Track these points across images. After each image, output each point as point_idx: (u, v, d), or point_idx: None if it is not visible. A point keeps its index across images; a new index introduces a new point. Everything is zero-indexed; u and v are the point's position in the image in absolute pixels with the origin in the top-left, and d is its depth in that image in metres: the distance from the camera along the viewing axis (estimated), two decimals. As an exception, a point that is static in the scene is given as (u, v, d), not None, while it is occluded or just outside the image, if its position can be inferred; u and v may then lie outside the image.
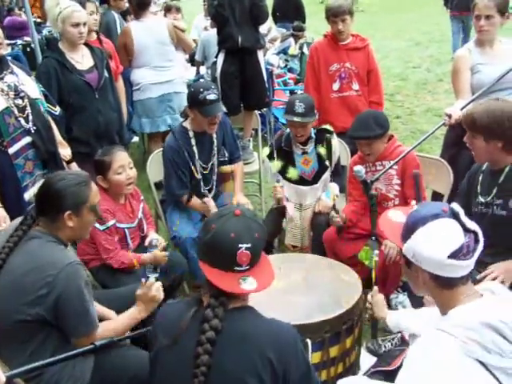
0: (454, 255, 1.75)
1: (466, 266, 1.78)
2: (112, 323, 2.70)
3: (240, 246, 1.89)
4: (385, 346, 3.33)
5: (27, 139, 3.31)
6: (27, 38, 10.93)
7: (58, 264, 2.39)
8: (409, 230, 1.86)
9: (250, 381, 1.85)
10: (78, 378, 2.51)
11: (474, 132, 2.98)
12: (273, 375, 1.87)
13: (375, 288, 2.85)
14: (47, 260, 2.42)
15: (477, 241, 1.81)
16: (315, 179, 4.21)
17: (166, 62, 5.68)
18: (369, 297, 2.84)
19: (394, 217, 2.06)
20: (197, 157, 4.05)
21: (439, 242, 1.77)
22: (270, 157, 4.24)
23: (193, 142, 4.03)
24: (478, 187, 3.14)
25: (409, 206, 3.55)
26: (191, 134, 4.03)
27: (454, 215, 1.81)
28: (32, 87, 3.47)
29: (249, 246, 1.90)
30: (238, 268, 1.91)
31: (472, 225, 1.81)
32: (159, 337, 1.96)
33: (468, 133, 3.04)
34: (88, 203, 2.58)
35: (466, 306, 1.79)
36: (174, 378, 1.93)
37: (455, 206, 1.84)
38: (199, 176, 4.10)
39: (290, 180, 4.20)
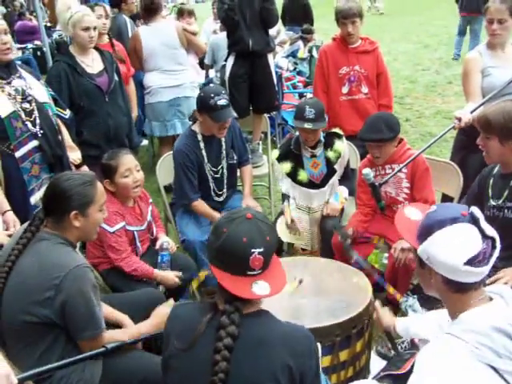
0: (470, 262, 1.73)
1: (481, 272, 1.76)
2: (120, 335, 2.67)
3: (253, 250, 1.87)
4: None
5: (34, 143, 3.32)
6: (38, 42, 11.02)
7: (65, 266, 2.40)
8: (425, 232, 1.83)
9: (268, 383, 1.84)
10: (87, 380, 2.51)
11: (488, 133, 2.97)
12: (290, 379, 1.86)
13: (377, 303, 2.85)
14: (54, 262, 2.42)
15: (494, 247, 1.78)
16: (323, 182, 4.21)
17: (177, 66, 5.71)
18: (375, 313, 2.83)
19: (411, 214, 2.02)
20: (206, 160, 4.05)
21: (456, 247, 1.74)
22: (279, 159, 4.24)
23: (201, 145, 4.04)
24: (489, 190, 3.13)
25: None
26: (200, 137, 4.03)
27: (474, 220, 1.78)
28: (40, 91, 3.48)
29: (261, 250, 1.88)
30: (250, 272, 1.89)
31: (491, 231, 1.78)
32: (172, 340, 1.95)
33: (482, 134, 3.03)
34: (94, 203, 2.58)
35: (475, 310, 1.77)
36: (189, 383, 1.92)
37: (476, 210, 1.81)
38: (210, 179, 4.10)
39: (300, 183, 4.20)
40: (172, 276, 3.46)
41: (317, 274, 3.34)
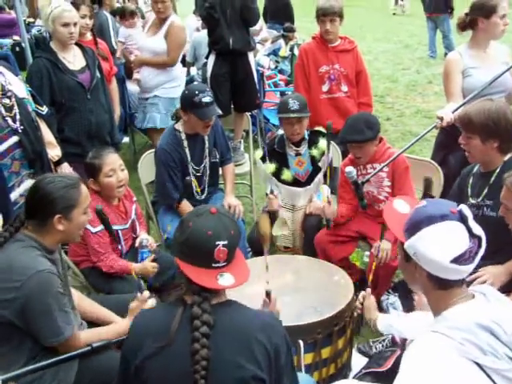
0: (456, 260, 1.74)
1: (467, 270, 1.78)
2: (96, 334, 2.63)
3: (217, 243, 1.93)
4: (376, 348, 3.35)
5: (14, 139, 3.27)
6: (16, 37, 10.89)
7: (28, 270, 2.36)
8: (413, 227, 1.83)
9: (249, 366, 1.88)
10: (61, 380, 2.50)
11: (470, 132, 3.01)
12: (267, 358, 1.91)
13: (368, 290, 2.84)
14: (19, 265, 2.38)
15: (479, 246, 1.79)
16: (308, 180, 4.22)
17: None
18: (360, 297, 2.82)
19: (399, 207, 2.02)
20: (189, 159, 4.04)
21: (444, 245, 1.75)
22: (264, 159, 4.24)
23: (185, 144, 4.02)
24: (469, 189, 3.17)
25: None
26: (183, 136, 4.02)
27: (463, 218, 1.79)
28: (19, 87, 3.43)
29: (225, 242, 1.94)
30: (215, 265, 1.95)
31: (478, 230, 1.79)
32: (146, 344, 1.93)
33: (464, 133, 3.07)
34: (78, 206, 2.55)
35: (459, 307, 1.79)
36: (169, 380, 1.92)
37: (465, 208, 1.81)
38: (192, 178, 4.08)
39: (284, 182, 4.21)
40: (149, 264, 3.40)
41: (299, 271, 3.36)
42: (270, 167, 4.20)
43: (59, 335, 2.42)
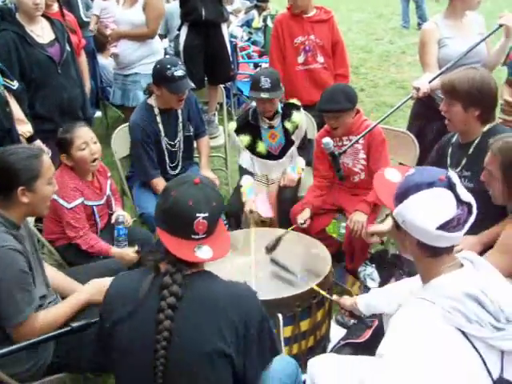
0: (443, 227, 1.74)
1: (455, 237, 1.78)
2: (52, 311, 2.55)
3: (197, 215, 1.92)
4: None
5: None
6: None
7: None
8: (402, 194, 1.83)
9: (214, 340, 1.89)
10: (39, 359, 2.50)
11: (452, 99, 3.00)
12: (234, 332, 1.91)
13: (335, 297, 2.89)
14: None
15: (470, 213, 1.79)
16: (281, 154, 4.20)
17: None
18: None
19: (390, 176, 2.02)
20: (163, 134, 3.99)
21: (430, 212, 1.75)
22: (238, 132, 4.20)
23: (158, 119, 3.97)
24: (448, 159, 3.18)
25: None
26: (156, 111, 3.97)
27: (450, 185, 1.78)
28: None
29: (206, 215, 1.93)
30: (194, 236, 1.95)
31: (467, 196, 1.78)
32: (117, 308, 1.96)
33: (445, 100, 3.05)
34: (41, 176, 2.49)
35: (447, 276, 1.80)
36: (134, 346, 1.93)
37: (453, 175, 1.81)
38: (165, 153, 4.04)
39: (258, 154, 4.18)
40: (129, 252, 3.40)
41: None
42: (245, 140, 4.16)
43: (18, 316, 2.35)
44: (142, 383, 1.97)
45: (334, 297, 2.91)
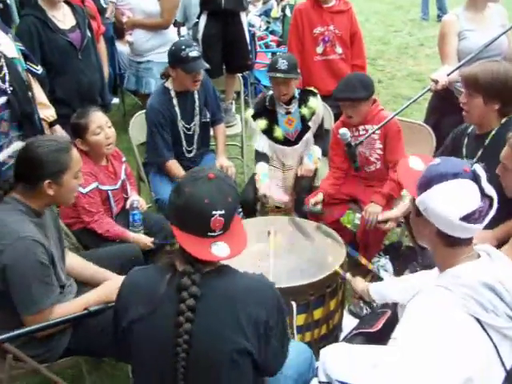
0: (465, 218, 1.75)
1: (475, 229, 1.79)
2: (70, 308, 2.53)
3: (214, 212, 1.85)
4: (366, 309, 3.39)
5: (3, 99, 3.18)
6: (0, -6, 10.60)
7: (11, 235, 2.32)
8: (425, 183, 1.84)
9: (235, 338, 1.85)
10: (52, 347, 2.52)
11: (473, 91, 2.97)
12: (253, 326, 1.88)
13: (348, 275, 2.93)
14: (2, 229, 2.34)
15: (491, 206, 1.80)
16: (297, 140, 4.20)
17: None
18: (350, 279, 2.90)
19: (414, 164, 2.03)
20: (179, 117, 4.02)
21: (454, 202, 1.76)
22: (255, 117, 4.20)
23: (175, 102, 3.99)
24: (464, 150, 3.17)
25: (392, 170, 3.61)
26: (173, 93, 3.99)
27: (476, 177, 1.80)
28: (9, 46, 3.32)
29: (222, 212, 1.86)
30: (210, 233, 1.88)
31: (490, 190, 1.80)
32: (132, 306, 1.92)
33: (466, 91, 3.03)
34: (69, 170, 2.50)
35: (464, 265, 1.81)
36: (153, 346, 1.90)
37: (478, 168, 1.82)
38: (182, 136, 4.07)
39: (275, 140, 4.18)
40: (145, 239, 3.43)
41: (292, 233, 3.37)
42: (261, 124, 4.16)
43: (32, 308, 2.36)
44: (161, 383, 1.95)
45: (347, 275, 2.92)
